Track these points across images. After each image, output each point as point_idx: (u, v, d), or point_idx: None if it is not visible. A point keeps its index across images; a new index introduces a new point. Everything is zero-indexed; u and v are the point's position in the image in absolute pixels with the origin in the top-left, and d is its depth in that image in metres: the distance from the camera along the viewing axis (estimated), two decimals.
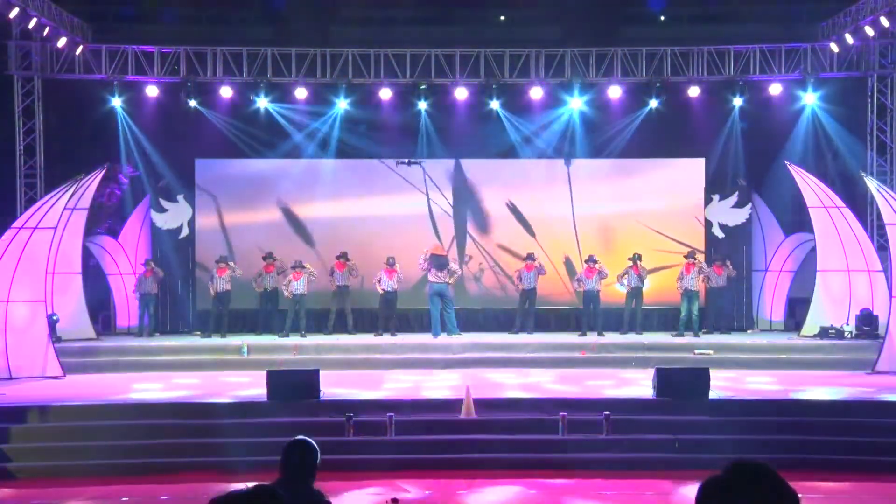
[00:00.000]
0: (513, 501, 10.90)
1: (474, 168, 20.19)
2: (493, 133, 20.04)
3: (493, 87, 19.48)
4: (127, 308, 19.64)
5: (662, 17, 22.35)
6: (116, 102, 19.48)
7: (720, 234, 20.07)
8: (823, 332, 17.60)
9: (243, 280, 19.09)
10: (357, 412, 12.60)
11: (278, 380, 13.01)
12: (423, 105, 19.68)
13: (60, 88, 19.68)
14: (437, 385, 14.80)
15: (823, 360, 16.64)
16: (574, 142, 20.10)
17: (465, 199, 20.11)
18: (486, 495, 11.01)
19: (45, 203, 16.09)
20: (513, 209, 20.05)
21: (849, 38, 18.54)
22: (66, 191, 16.15)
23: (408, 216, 19.98)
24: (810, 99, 19.48)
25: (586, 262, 18.79)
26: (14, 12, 17.20)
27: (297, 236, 20.01)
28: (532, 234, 19.94)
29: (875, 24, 17.84)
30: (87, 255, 19.01)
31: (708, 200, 20.01)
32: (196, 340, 18.47)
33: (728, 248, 19.83)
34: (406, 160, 19.91)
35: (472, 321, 19.34)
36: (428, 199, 20.04)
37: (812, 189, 18.17)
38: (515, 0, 22.39)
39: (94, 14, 20.14)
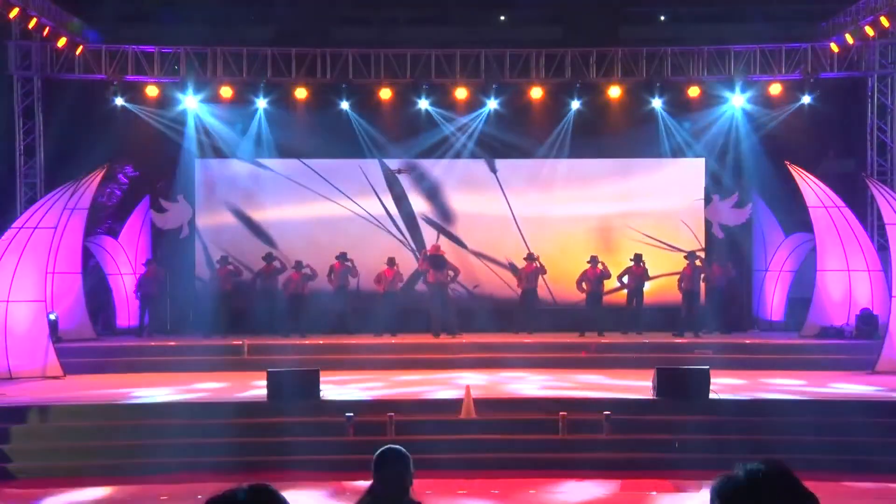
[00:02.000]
0: (513, 501, 10.90)
1: (473, 168, 20.18)
2: (492, 133, 20.02)
3: (493, 87, 19.48)
4: (127, 308, 19.64)
5: (662, 17, 22.35)
6: (117, 102, 19.46)
7: (720, 234, 20.07)
8: (823, 332, 17.59)
9: (243, 280, 19.08)
10: (357, 412, 12.60)
11: (278, 380, 13.01)
12: (423, 105, 19.68)
13: (60, 88, 19.67)
14: (438, 385, 14.78)
15: (823, 360, 16.63)
16: (574, 142, 20.07)
17: (465, 198, 20.08)
18: (486, 495, 11.01)
19: (45, 203, 16.09)
20: (513, 208, 20.03)
21: (849, 38, 18.53)
22: (66, 191, 16.15)
23: (407, 215, 19.98)
24: (809, 99, 19.46)
25: (588, 262, 18.78)
26: (14, 12, 17.19)
27: (295, 236, 19.99)
28: (533, 233, 19.92)
29: (875, 24, 17.83)
30: (87, 255, 19.00)
31: (708, 200, 20.01)
32: (196, 340, 18.45)
33: (728, 248, 19.82)
34: (397, 169, 19.91)
35: (472, 321, 19.33)
36: (439, 199, 20.06)
37: (812, 189, 18.17)
38: (515, 0, 22.38)
39: (95, 14, 20.11)
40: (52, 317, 17.06)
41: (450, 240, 19.80)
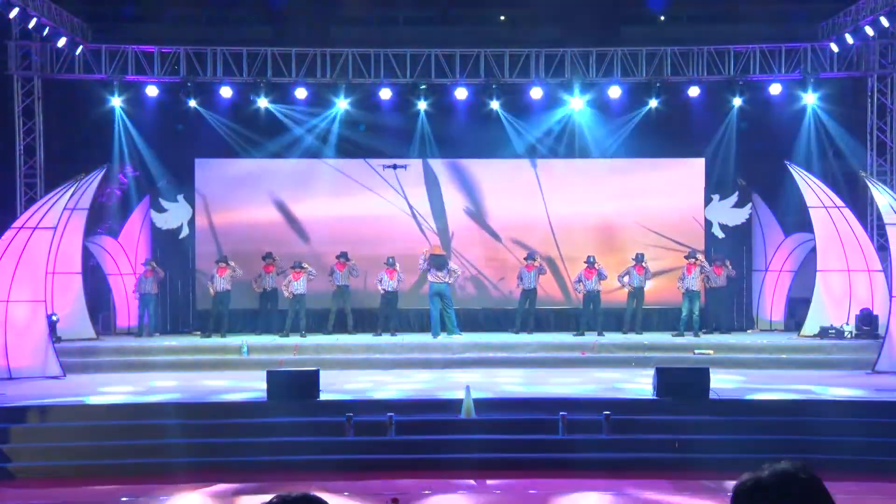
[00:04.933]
0: (513, 501, 10.91)
1: (473, 168, 20.17)
2: (492, 133, 20.04)
3: (493, 87, 19.48)
4: (127, 308, 19.63)
5: (662, 17, 22.35)
6: (116, 102, 19.46)
7: (720, 234, 20.07)
8: (823, 332, 17.59)
9: (243, 280, 19.09)
10: (357, 412, 12.60)
11: (278, 380, 13.01)
12: (422, 105, 19.67)
13: (60, 88, 19.68)
14: (437, 385, 14.78)
15: (823, 360, 16.64)
16: (574, 142, 20.10)
17: (464, 199, 20.09)
18: (486, 495, 11.01)
19: (45, 203, 16.08)
20: (511, 209, 20.03)
21: (849, 38, 18.53)
22: (66, 191, 16.15)
23: (407, 216, 19.99)
24: (810, 99, 19.46)
25: (585, 262, 18.79)
26: (14, 12, 17.19)
27: (296, 236, 20.00)
28: (530, 233, 19.92)
29: (875, 24, 17.83)
30: (87, 255, 19.00)
31: (708, 200, 20.00)
32: (196, 340, 18.47)
33: (728, 248, 19.82)
34: (392, 165, 19.91)
35: (472, 321, 19.34)
36: (437, 198, 20.06)
37: (812, 189, 18.16)
38: (515, 0, 22.40)
39: (94, 14, 20.13)
40: (55, 318, 17.08)
41: (440, 239, 19.79)
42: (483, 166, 20.22)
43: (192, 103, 19.42)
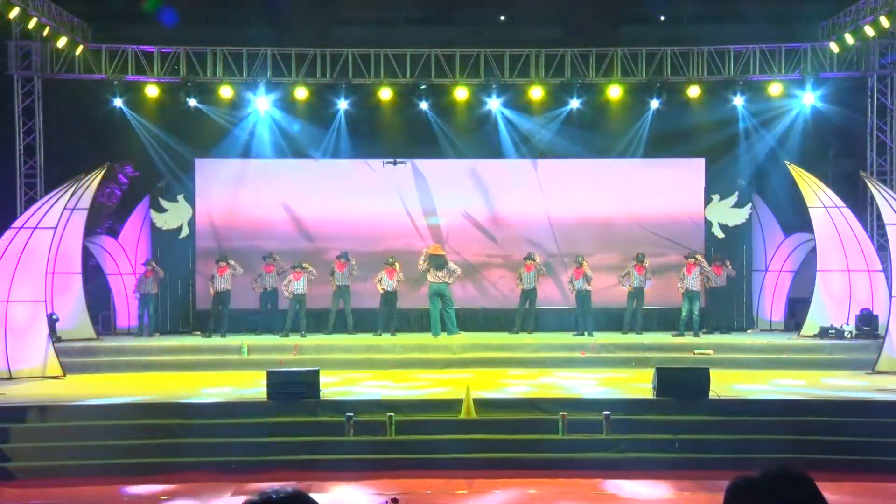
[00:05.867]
0: (513, 502, 10.91)
1: (473, 168, 20.17)
2: (492, 133, 20.04)
3: (493, 86, 19.49)
4: (127, 308, 19.63)
5: (662, 17, 22.35)
6: (118, 102, 19.47)
7: (720, 234, 20.07)
8: (823, 332, 17.59)
9: (243, 280, 19.09)
10: (357, 412, 12.60)
11: (278, 380, 13.02)
12: (423, 105, 19.68)
13: (60, 88, 19.68)
14: (437, 385, 14.78)
15: (823, 360, 16.64)
16: (573, 142, 20.10)
17: (464, 199, 20.09)
18: (486, 495, 11.01)
19: (45, 203, 16.09)
20: (511, 209, 20.03)
21: (849, 38, 18.53)
22: (66, 191, 16.16)
23: (406, 216, 19.98)
24: (810, 99, 19.47)
25: (574, 262, 18.82)
26: (14, 12, 17.18)
27: (296, 236, 20.00)
28: (529, 233, 19.92)
29: (875, 24, 17.83)
30: (87, 255, 19.00)
31: (708, 200, 20.00)
32: (196, 340, 18.47)
33: (728, 248, 19.82)
34: (392, 160, 19.90)
35: (472, 321, 19.34)
36: (436, 198, 20.06)
37: (812, 189, 18.17)
38: (515, 0, 22.39)
39: (94, 14, 20.13)
40: (55, 318, 17.07)
41: (437, 240, 19.80)
42: (483, 166, 20.21)
43: (192, 103, 19.44)
